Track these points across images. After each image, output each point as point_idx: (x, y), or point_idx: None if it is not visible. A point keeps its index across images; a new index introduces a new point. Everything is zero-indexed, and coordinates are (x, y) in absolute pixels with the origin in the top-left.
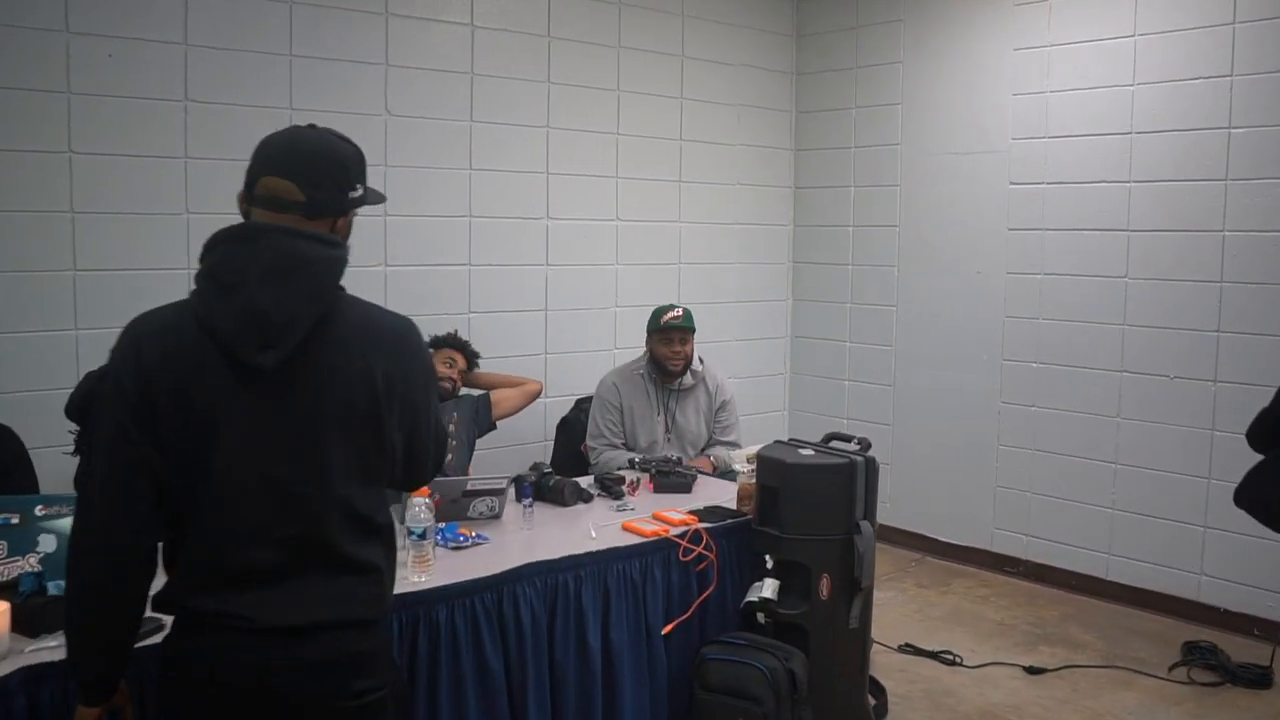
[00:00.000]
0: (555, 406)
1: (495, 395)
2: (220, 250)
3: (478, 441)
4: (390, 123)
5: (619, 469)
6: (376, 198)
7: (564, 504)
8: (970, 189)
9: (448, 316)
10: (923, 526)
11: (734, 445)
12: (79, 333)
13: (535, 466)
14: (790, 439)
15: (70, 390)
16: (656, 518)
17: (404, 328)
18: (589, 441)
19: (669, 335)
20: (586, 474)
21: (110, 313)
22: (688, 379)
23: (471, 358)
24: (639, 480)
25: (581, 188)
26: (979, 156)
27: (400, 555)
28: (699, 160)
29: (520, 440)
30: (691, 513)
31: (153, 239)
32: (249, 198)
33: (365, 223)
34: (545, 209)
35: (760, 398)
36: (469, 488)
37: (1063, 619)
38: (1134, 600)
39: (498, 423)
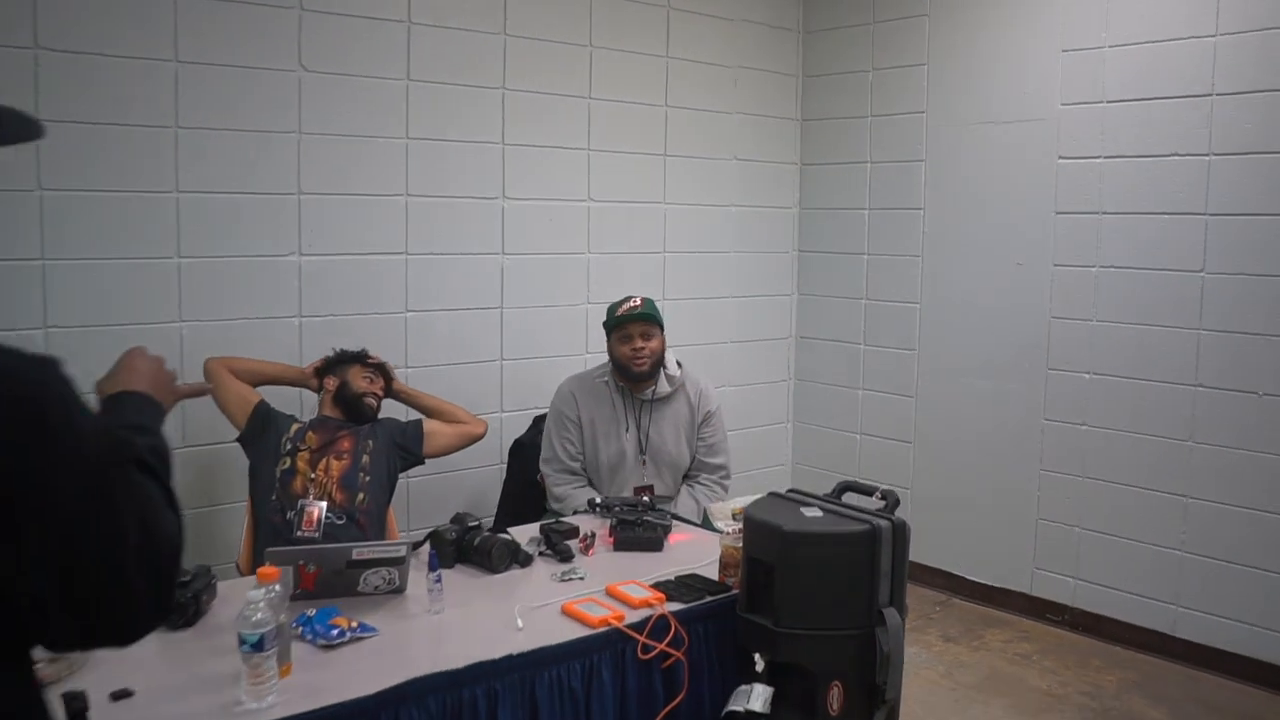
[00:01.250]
0: (512, 424)
1: (429, 426)
2: None
3: (404, 475)
4: (305, 80)
5: (576, 511)
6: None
7: (492, 570)
8: (1010, 165)
9: (380, 317)
10: (950, 563)
11: (721, 471)
12: None
13: (458, 518)
14: (790, 490)
15: None
16: (611, 594)
17: (24, 389)
18: (542, 467)
19: (627, 330)
20: (545, 513)
21: None
22: (663, 386)
23: (389, 379)
24: (593, 537)
25: (545, 162)
26: (1020, 126)
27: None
28: (688, 131)
29: (459, 465)
30: (657, 587)
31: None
32: None
33: (274, 202)
34: (501, 187)
35: (758, 408)
36: (355, 556)
37: (1123, 687)
38: (1208, 663)
39: (426, 458)
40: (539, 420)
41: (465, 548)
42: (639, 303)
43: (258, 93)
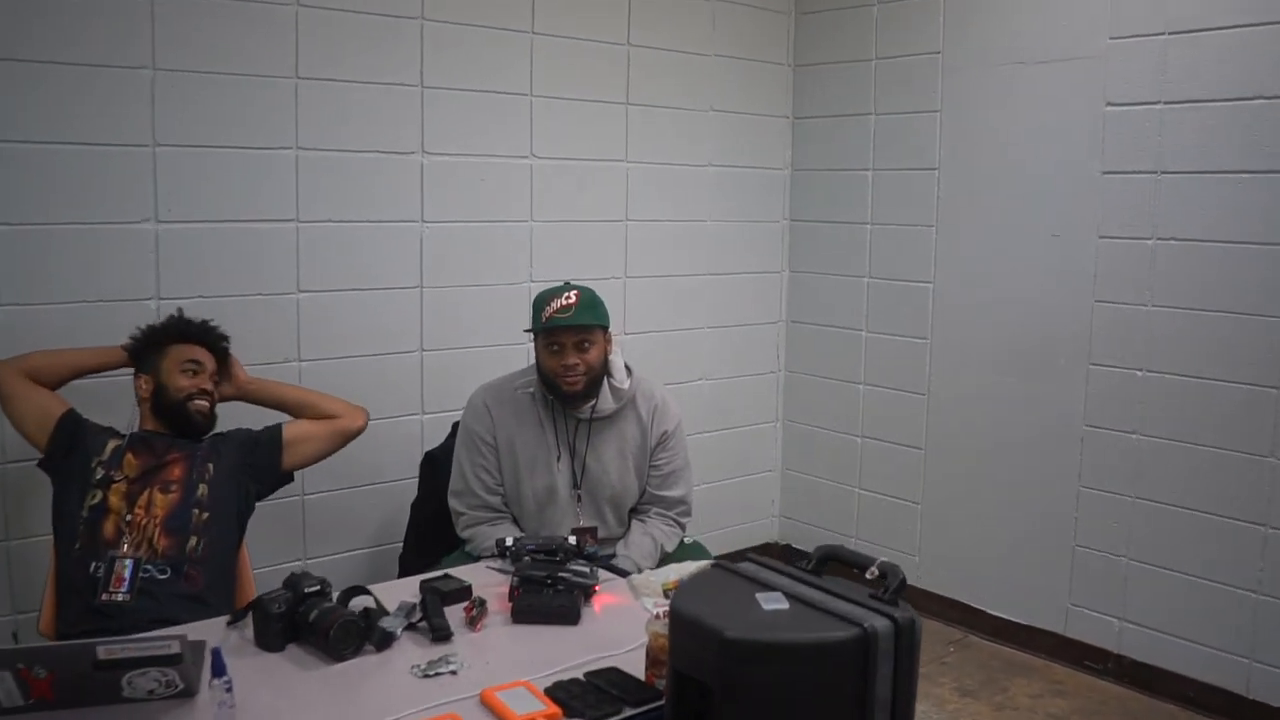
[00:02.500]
0: (431, 429)
1: (292, 430)
2: None
3: (260, 502)
4: (159, 6)
5: (484, 556)
6: None
7: (332, 657)
8: (1045, 114)
9: (264, 299)
10: (966, 593)
11: (679, 507)
12: None
13: (292, 580)
14: (747, 559)
15: None
16: (486, 704)
17: None
18: (450, 501)
19: (556, 339)
20: (457, 548)
21: None
22: (606, 401)
23: (223, 354)
24: (481, 605)
25: (477, 110)
26: (1059, 66)
27: None
28: (655, 76)
29: (368, 479)
30: (555, 692)
31: None
32: None
33: (127, 155)
34: (419, 140)
35: (740, 406)
36: (103, 656)
37: None
38: None
39: (294, 472)
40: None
41: (299, 622)
42: (572, 300)
43: (100, 23)
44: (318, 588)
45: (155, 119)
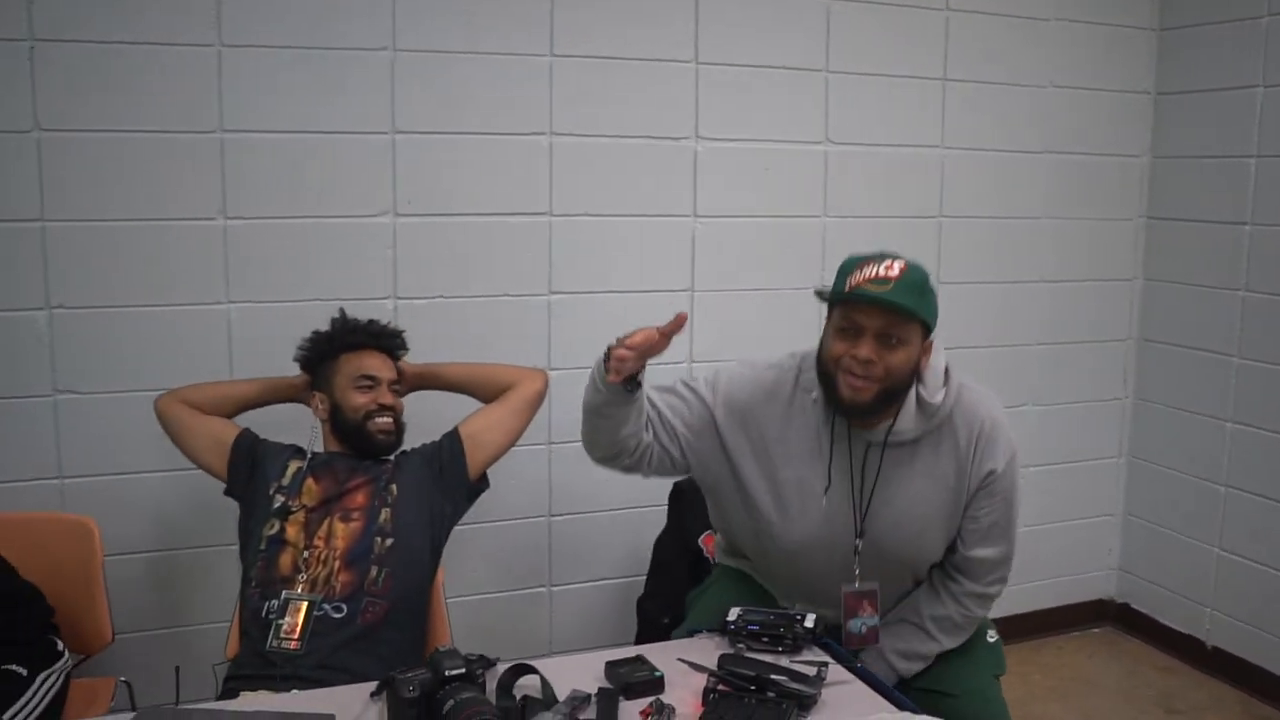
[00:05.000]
0: None
1: (468, 426)
2: None
3: (458, 524)
4: None
5: (699, 632)
6: None
7: None
8: None
9: (513, 300)
10: None
11: (994, 572)
12: None
13: (434, 657)
14: None
15: None
16: None
17: None
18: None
19: (855, 317)
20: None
21: None
22: (907, 419)
23: (399, 356)
24: (662, 712)
25: (759, 89)
26: None
27: None
28: (981, 47)
29: (608, 503)
30: None
31: None
32: None
33: (365, 143)
34: (694, 125)
35: (1076, 434)
36: None
37: None
38: None
39: (487, 478)
40: None
41: (434, 710)
42: (895, 272)
43: None
44: (461, 670)
45: (394, 105)
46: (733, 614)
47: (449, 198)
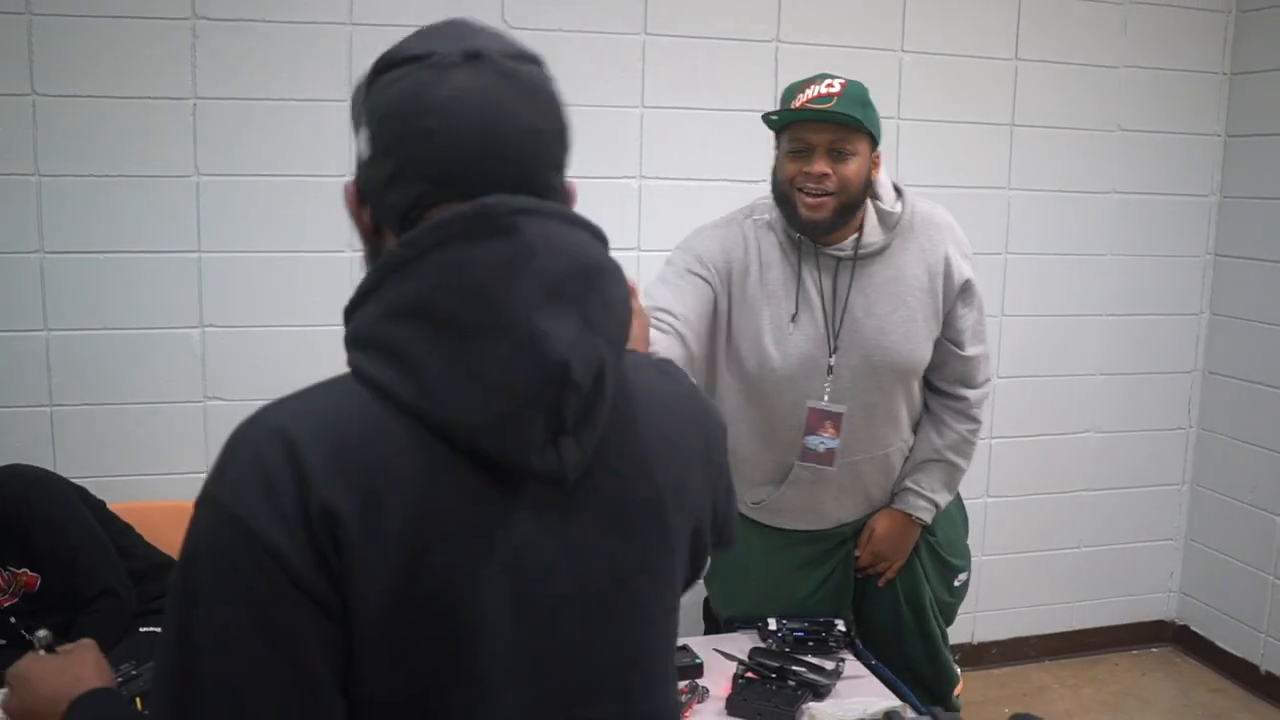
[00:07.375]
0: None
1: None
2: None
3: None
4: None
5: (735, 624)
6: None
7: None
8: None
9: None
10: None
11: (979, 389)
12: None
13: None
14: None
15: None
16: None
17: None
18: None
19: (803, 136)
20: None
21: None
22: (873, 232)
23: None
24: (696, 691)
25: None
26: None
27: None
28: (1049, 92)
29: None
30: None
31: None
32: None
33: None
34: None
35: (1138, 466)
36: None
37: None
38: None
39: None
40: None
41: None
42: (835, 88)
43: None
44: None
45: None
46: (772, 623)
47: None
